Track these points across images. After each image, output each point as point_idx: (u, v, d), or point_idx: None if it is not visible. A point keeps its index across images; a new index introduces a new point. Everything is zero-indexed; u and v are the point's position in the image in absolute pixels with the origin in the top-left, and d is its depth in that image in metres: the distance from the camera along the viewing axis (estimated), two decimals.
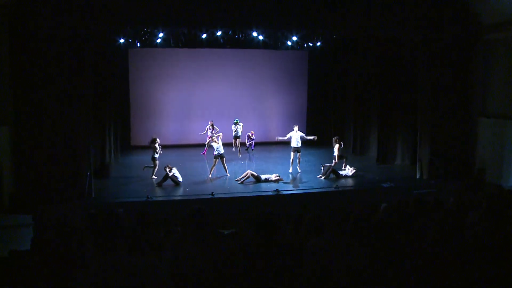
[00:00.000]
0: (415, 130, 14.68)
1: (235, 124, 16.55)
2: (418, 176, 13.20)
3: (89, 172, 11.13)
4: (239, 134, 16.60)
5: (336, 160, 13.43)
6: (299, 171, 13.58)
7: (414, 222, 5.06)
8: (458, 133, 13.06)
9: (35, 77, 10.30)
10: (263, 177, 12.48)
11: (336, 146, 13.66)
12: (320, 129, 18.87)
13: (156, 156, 12.83)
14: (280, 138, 13.71)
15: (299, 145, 13.45)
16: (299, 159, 13.59)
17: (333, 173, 13.03)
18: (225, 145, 14.14)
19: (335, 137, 14.09)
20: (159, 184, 11.97)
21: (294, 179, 13.09)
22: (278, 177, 12.56)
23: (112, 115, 14.88)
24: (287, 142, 14.05)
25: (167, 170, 12.13)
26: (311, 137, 13.68)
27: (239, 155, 15.95)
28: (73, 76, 10.51)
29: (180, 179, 12.19)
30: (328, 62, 18.76)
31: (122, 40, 13.88)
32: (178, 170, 12.64)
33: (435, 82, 12.85)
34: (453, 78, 12.86)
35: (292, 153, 13.50)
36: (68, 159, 10.58)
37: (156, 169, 12.84)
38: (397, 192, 11.37)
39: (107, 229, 2.87)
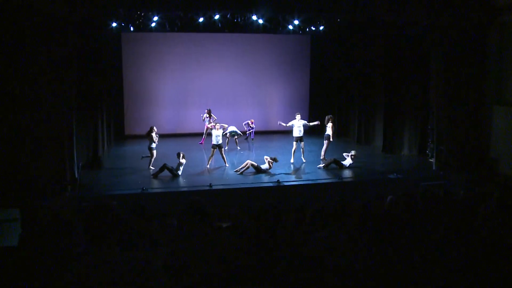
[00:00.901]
0: (424, 118, 14.61)
1: (232, 136, 15.85)
2: (434, 168, 13.10)
3: (80, 163, 11.09)
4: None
5: (331, 139, 13.54)
6: (304, 161, 13.58)
7: (422, 216, 5.03)
8: (471, 122, 12.91)
9: (19, 64, 10.15)
10: (263, 167, 12.47)
11: (330, 125, 13.72)
12: (323, 117, 18.81)
13: (153, 146, 12.81)
14: (283, 123, 13.68)
15: (302, 134, 13.43)
16: (302, 148, 13.58)
17: (335, 163, 13.01)
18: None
19: (329, 116, 14.10)
20: (155, 176, 11.96)
21: (296, 169, 13.08)
22: (270, 160, 12.51)
23: (105, 103, 14.81)
24: (289, 131, 14.01)
25: (181, 156, 12.15)
26: (315, 122, 13.74)
27: (238, 147, 15.92)
28: (58, 62, 10.36)
29: (180, 172, 12.14)
30: (331, 47, 18.64)
31: (114, 24, 13.76)
32: (174, 159, 12.65)
33: (447, 68, 12.68)
34: (467, 64, 12.66)
35: (294, 143, 13.49)
36: (54, 150, 10.51)
37: (153, 159, 12.83)
38: (404, 184, 11.37)
39: (99, 223, 2.84)
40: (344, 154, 13.48)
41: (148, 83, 18.33)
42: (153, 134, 12.87)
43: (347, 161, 13.15)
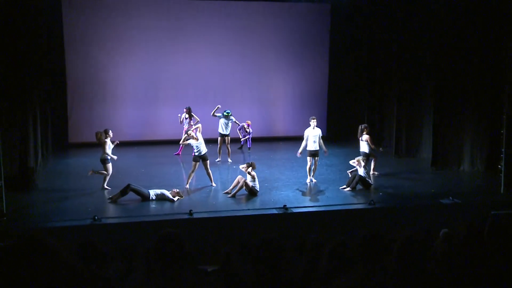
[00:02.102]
0: (493, 120, 14.52)
1: (226, 117, 16.23)
2: (504, 189, 13.00)
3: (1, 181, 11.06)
4: (228, 132, 16.27)
5: (375, 155, 13.58)
6: (314, 181, 13.64)
7: (492, 258, 5.02)
8: None
9: None
10: (249, 182, 12.41)
11: (366, 138, 13.74)
12: (347, 119, 18.87)
13: (108, 157, 12.77)
14: (301, 149, 13.64)
15: (318, 147, 13.46)
16: (314, 166, 13.62)
17: (361, 182, 13.04)
18: (207, 142, 14.13)
19: (363, 125, 14.12)
20: (114, 199, 11.95)
21: (310, 191, 13.11)
22: (246, 168, 12.53)
23: (40, 100, 14.80)
24: (299, 138, 14.02)
25: (177, 194, 12.10)
26: (324, 149, 13.71)
27: (229, 160, 15.96)
28: None
29: (152, 195, 12.06)
30: (360, 21, 18.75)
31: None
32: (140, 176, 12.59)
33: None
34: None
35: (308, 158, 13.50)
36: None
37: (108, 177, 12.82)
38: (465, 213, 11.37)
39: (29, 269, 2.86)
40: (351, 162, 13.50)
41: (102, 71, 18.39)
42: (108, 140, 12.80)
43: (361, 172, 13.11)
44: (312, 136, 13.45)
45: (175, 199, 12.00)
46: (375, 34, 18.17)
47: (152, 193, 12.01)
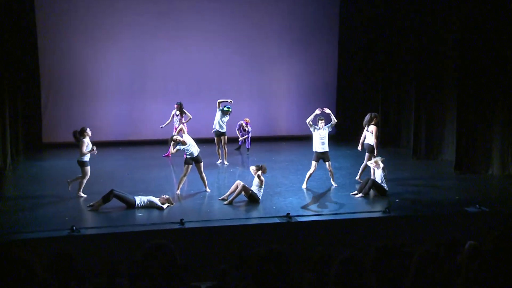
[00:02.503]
0: None
1: (224, 113, 16.25)
2: None
3: None
4: (224, 129, 16.24)
5: (375, 153, 13.70)
6: (334, 185, 13.64)
7: None
8: None
9: None
10: (254, 188, 12.42)
11: (373, 129, 13.76)
12: (359, 116, 18.83)
13: (86, 159, 12.73)
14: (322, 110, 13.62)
15: (326, 149, 13.45)
16: (330, 171, 13.61)
17: (374, 188, 13.07)
18: (202, 142, 14.13)
19: (372, 114, 14.10)
20: (95, 207, 11.95)
21: (316, 197, 13.11)
22: (256, 170, 12.55)
23: (9, 95, 14.79)
24: (308, 138, 14.02)
25: (165, 202, 12.06)
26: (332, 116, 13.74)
27: (226, 162, 15.98)
28: None
29: (139, 202, 12.07)
30: (374, 8, 18.76)
31: None
32: (124, 181, 12.61)
33: None
34: None
35: (313, 163, 13.49)
36: None
37: (85, 180, 12.77)
38: (494, 222, 11.38)
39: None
40: (368, 163, 13.51)
41: (80, 62, 18.38)
42: (85, 140, 12.72)
43: (378, 174, 13.17)
44: (320, 137, 13.41)
45: (165, 206, 12.01)
46: (390, 18, 18.19)
47: (139, 200, 12.01)
